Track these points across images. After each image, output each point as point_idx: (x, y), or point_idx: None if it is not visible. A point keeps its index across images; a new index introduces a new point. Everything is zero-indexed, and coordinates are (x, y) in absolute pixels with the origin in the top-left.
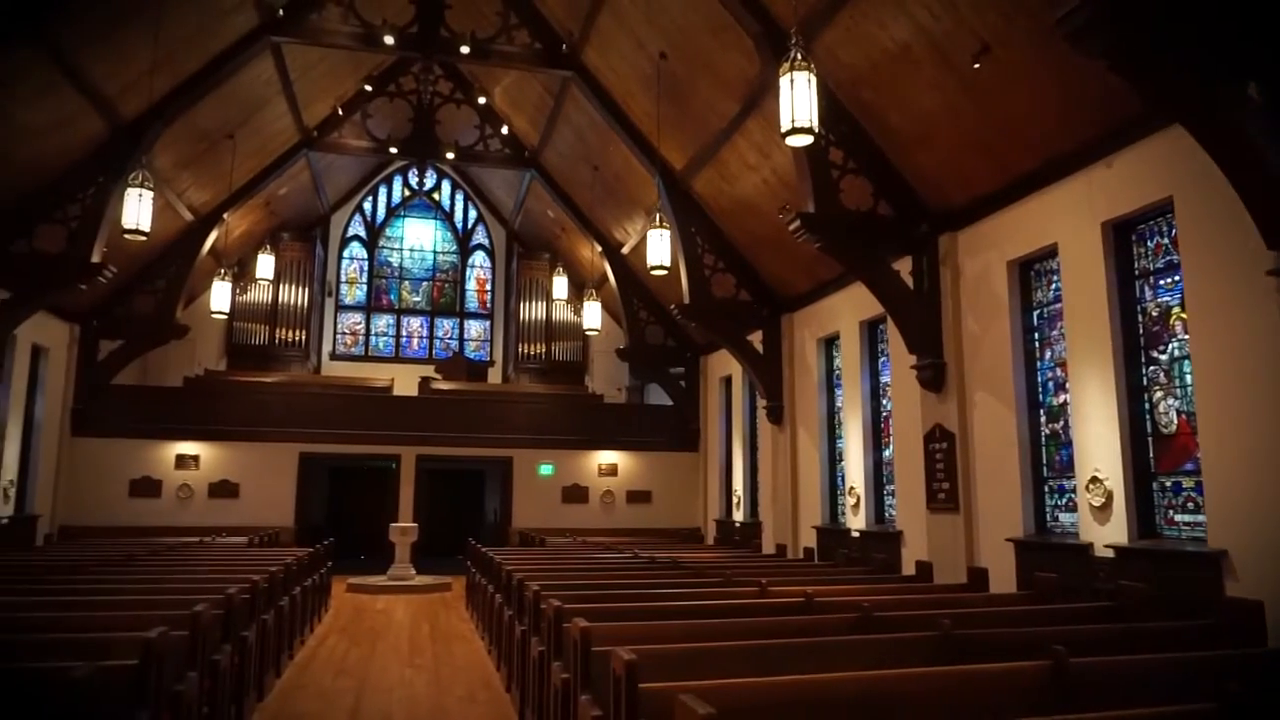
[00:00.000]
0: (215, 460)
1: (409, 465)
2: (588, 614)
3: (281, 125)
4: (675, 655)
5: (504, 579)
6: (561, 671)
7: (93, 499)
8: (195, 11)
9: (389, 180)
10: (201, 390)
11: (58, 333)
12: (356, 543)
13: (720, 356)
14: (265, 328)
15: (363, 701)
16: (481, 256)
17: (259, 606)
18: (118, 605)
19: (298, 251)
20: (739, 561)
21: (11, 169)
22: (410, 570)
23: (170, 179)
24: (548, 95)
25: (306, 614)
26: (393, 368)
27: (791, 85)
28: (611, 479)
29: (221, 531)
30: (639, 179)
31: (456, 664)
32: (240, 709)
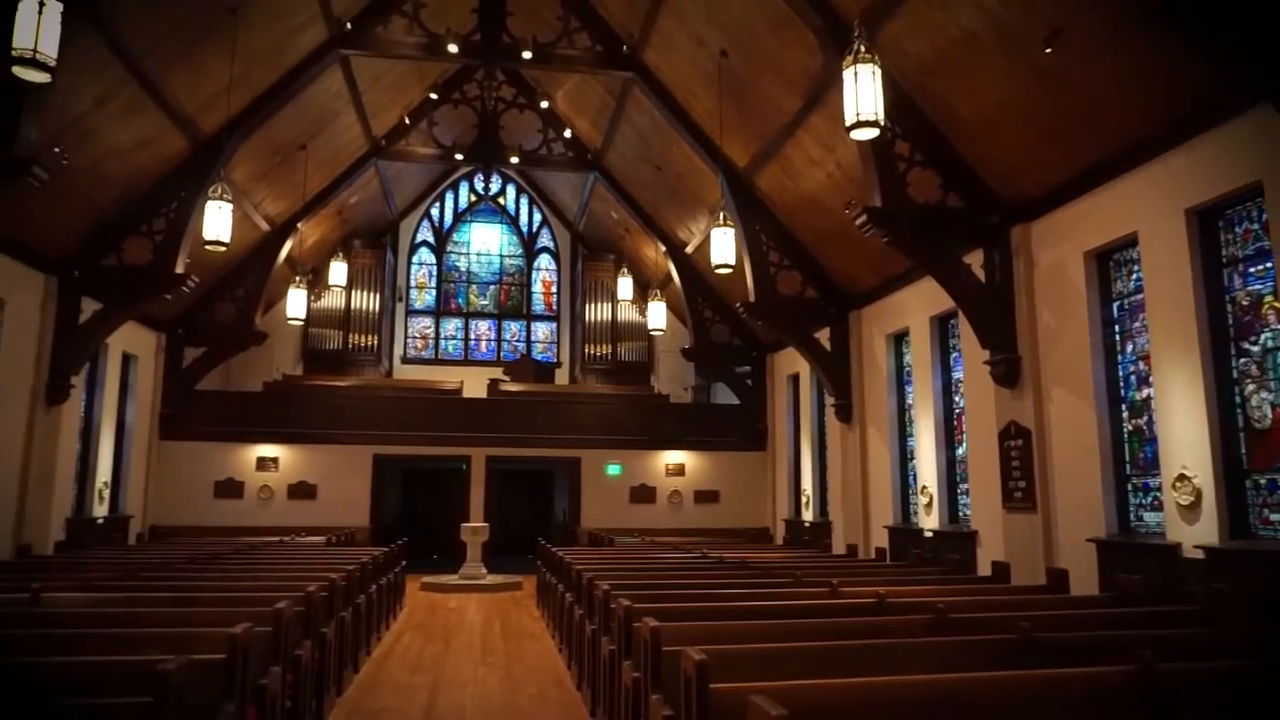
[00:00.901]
0: (294, 462)
1: (479, 466)
2: (657, 614)
3: (351, 135)
4: (745, 656)
5: (574, 578)
6: (632, 670)
7: (180, 500)
8: (268, 29)
9: (455, 186)
10: (280, 394)
11: (146, 341)
12: (429, 542)
13: (787, 355)
14: (339, 333)
15: (437, 697)
16: (547, 259)
17: (337, 604)
18: (205, 602)
19: (369, 258)
20: (809, 562)
21: (103, 187)
22: (482, 569)
23: (247, 191)
24: (609, 97)
25: (382, 612)
26: (462, 370)
27: (855, 78)
28: (679, 479)
29: (300, 531)
30: (702, 177)
31: (528, 662)
32: (320, 703)
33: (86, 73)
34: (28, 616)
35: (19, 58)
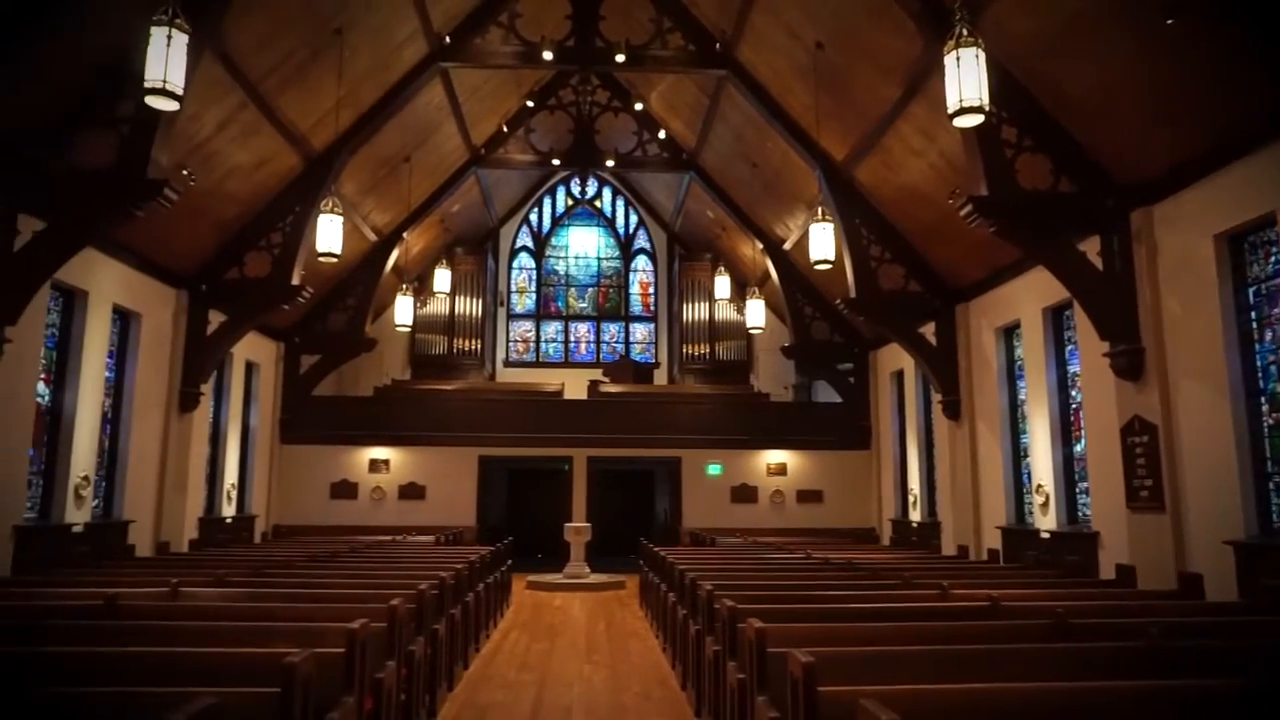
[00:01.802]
0: (404, 464)
1: (581, 466)
2: (762, 614)
3: (452, 145)
4: (853, 658)
5: (677, 578)
6: (737, 672)
7: (299, 500)
8: (372, 48)
9: (553, 191)
10: (390, 399)
11: (266, 350)
12: (533, 542)
13: (890, 350)
14: (444, 338)
15: (544, 694)
16: (644, 260)
17: (447, 602)
18: (325, 598)
19: (471, 264)
20: (917, 563)
21: (226, 205)
22: (585, 569)
23: (356, 203)
24: (703, 96)
25: (490, 610)
26: (562, 372)
27: (958, 63)
28: (781, 478)
29: (410, 531)
30: (799, 173)
31: (632, 661)
32: (433, 697)
33: (209, 99)
34: (168, 609)
35: (151, 88)
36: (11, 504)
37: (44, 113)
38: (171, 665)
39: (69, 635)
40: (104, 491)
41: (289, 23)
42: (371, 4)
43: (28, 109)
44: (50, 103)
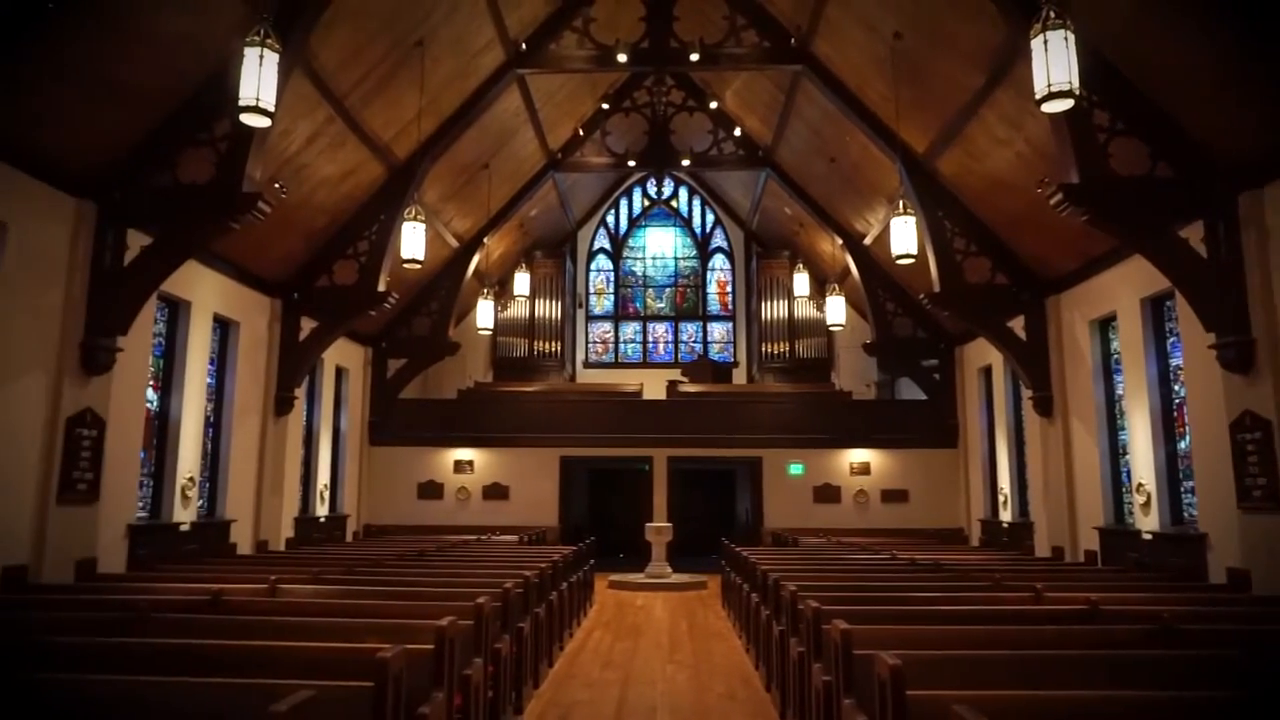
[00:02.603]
0: (487, 465)
1: (661, 466)
2: (847, 616)
3: (529, 151)
4: (942, 662)
5: (759, 578)
6: (822, 674)
7: (388, 501)
8: (451, 58)
9: (629, 192)
10: (473, 401)
11: (354, 355)
12: (615, 541)
13: (977, 346)
14: (524, 341)
15: (628, 693)
16: (721, 259)
17: (532, 600)
18: (414, 596)
19: (550, 267)
20: (1009, 565)
21: (316, 216)
22: (667, 568)
23: (438, 210)
24: (778, 92)
25: (573, 609)
26: (641, 373)
27: (1045, 46)
28: (864, 478)
29: (495, 530)
30: (878, 166)
31: (715, 661)
32: (519, 694)
33: (299, 114)
34: (267, 605)
35: (245, 106)
36: (126, 504)
37: (150, 134)
38: (271, 658)
39: (178, 628)
40: (207, 492)
41: (372, 37)
42: (450, 16)
43: (135, 131)
44: (155, 124)
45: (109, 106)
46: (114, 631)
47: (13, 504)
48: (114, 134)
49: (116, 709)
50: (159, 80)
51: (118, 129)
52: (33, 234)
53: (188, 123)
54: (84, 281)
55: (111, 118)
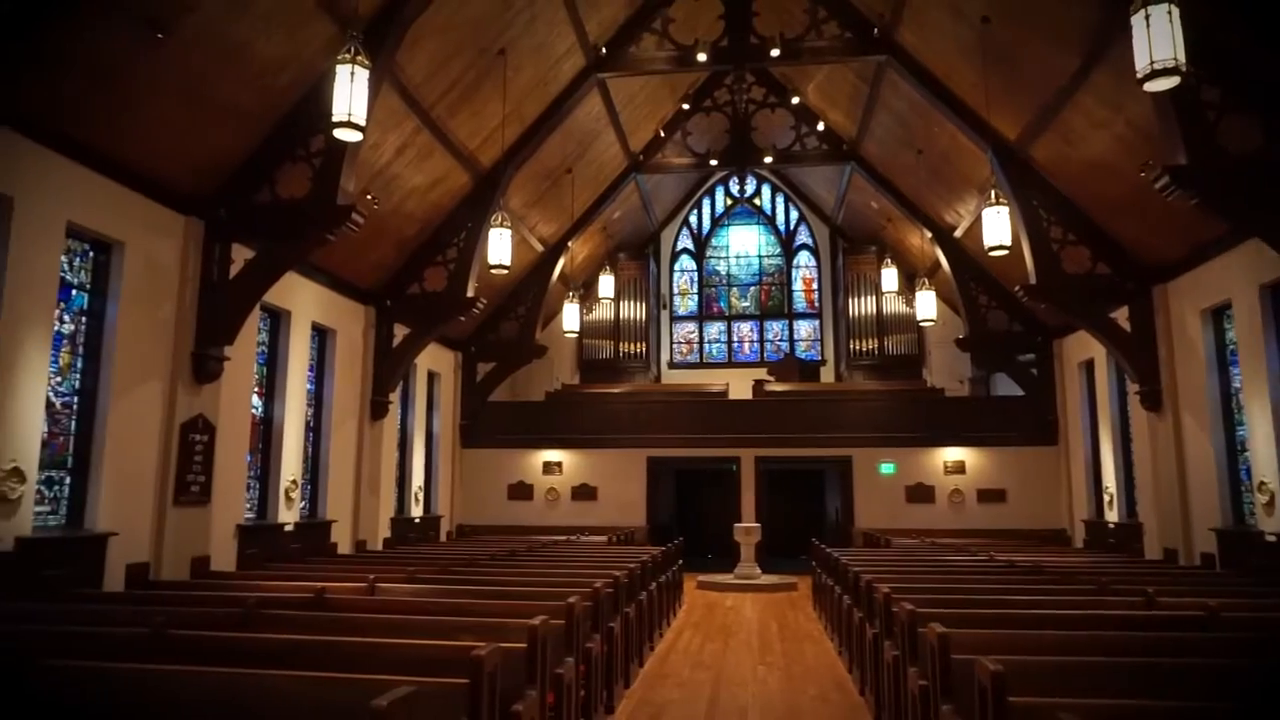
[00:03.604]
0: (576, 466)
1: (748, 466)
2: (944, 619)
3: (611, 154)
4: (1045, 669)
5: (851, 580)
6: (918, 678)
7: (479, 501)
8: (533, 65)
9: (711, 192)
10: (560, 403)
11: (445, 359)
12: (703, 542)
13: (1078, 339)
14: (610, 342)
15: (719, 694)
16: (806, 256)
17: (621, 600)
18: (506, 595)
19: (634, 269)
20: (1116, 567)
21: (406, 224)
22: (756, 569)
23: (523, 216)
24: (862, 84)
25: (663, 609)
26: (727, 373)
27: (1146, 22)
28: (959, 477)
29: (584, 531)
30: (968, 156)
31: (807, 663)
32: (610, 693)
33: (388, 127)
34: (367, 603)
35: (338, 122)
36: (235, 505)
37: (251, 152)
38: (371, 655)
39: (284, 624)
40: (309, 494)
41: (456, 49)
42: (531, 24)
43: (238, 150)
44: (256, 143)
45: (214, 128)
46: (226, 626)
47: (136, 505)
48: (219, 154)
49: (231, 700)
50: (259, 100)
51: (222, 149)
52: (148, 251)
53: (286, 140)
54: (194, 295)
55: (216, 138)
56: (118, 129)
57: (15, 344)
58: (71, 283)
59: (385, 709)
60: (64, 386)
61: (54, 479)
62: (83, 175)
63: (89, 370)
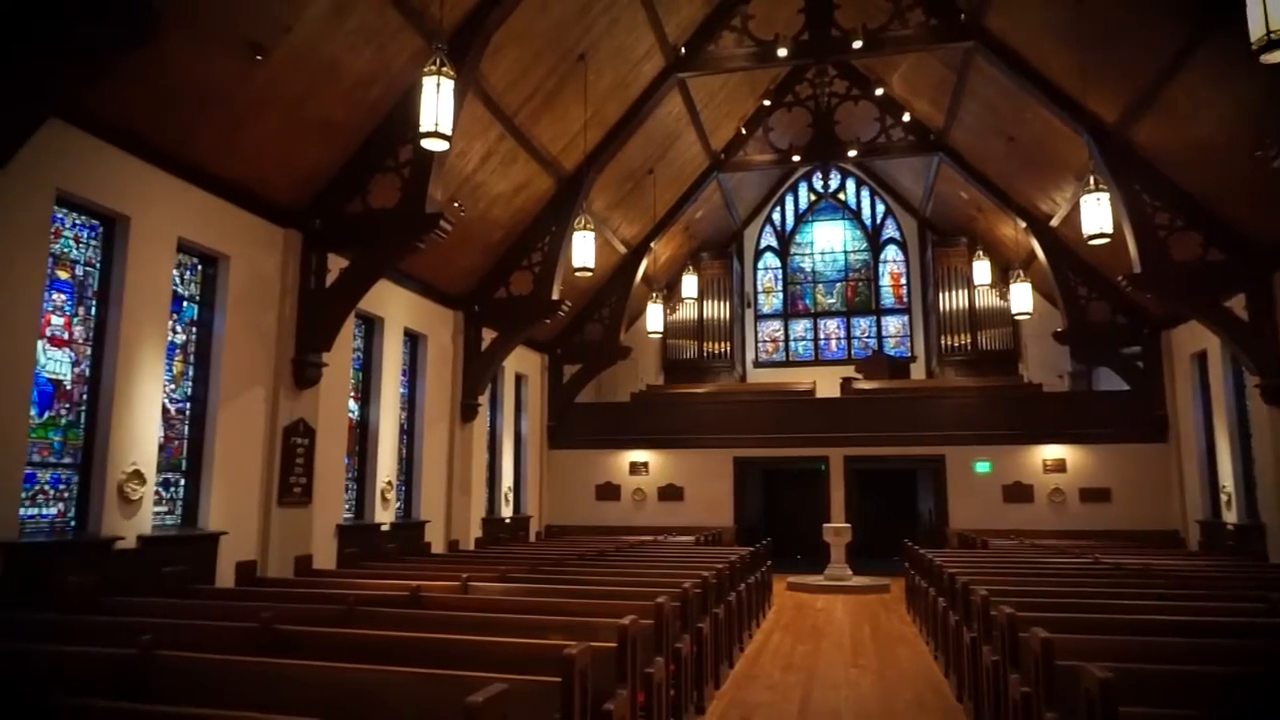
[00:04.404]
0: (662, 466)
1: (837, 466)
2: (1046, 623)
3: (693, 154)
4: (1158, 677)
5: (946, 582)
6: (1020, 685)
7: (567, 502)
8: (613, 68)
9: (794, 188)
10: (645, 404)
11: (532, 362)
12: (791, 542)
13: (1189, 329)
14: (694, 342)
15: (811, 696)
16: (893, 250)
17: (710, 601)
18: (595, 594)
19: (717, 268)
20: (1236, 572)
21: (492, 230)
22: (846, 570)
23: (605, 219)
24: (949, 72)
25: (752, 610)
26: (813, 371)
27: None
28: (1059, 475)
29: (671, 531)
30: (1064, 141)
31: (901, 667)
32: (700, 694)
33: (473, 135)
34: (460, 601)
35: (425, 132)
36: (334, 505)
37: (344, 165)
38: (465, 652)
39: (382, 620)
40: (404, 495)
41: (537, 56)
42: (611, 28)
43: (331, 163)
44: (348, 156)
45: (309, 142)
46: (328, 623)
47: (244, 505)
48: (314, 167)
49: (334, 694)
50: (350, 114)
51: (317, 162)
52: (251, 263)
53: (376, 151)
54: (293, 303)
55: (311, 153)
56: (222, 148)
57: (134, 354)
58: (182, 295)
59: (480, 705)
60: (177, 393)
61: (170, 481)
62: (191, 193)
63: (199, 378)
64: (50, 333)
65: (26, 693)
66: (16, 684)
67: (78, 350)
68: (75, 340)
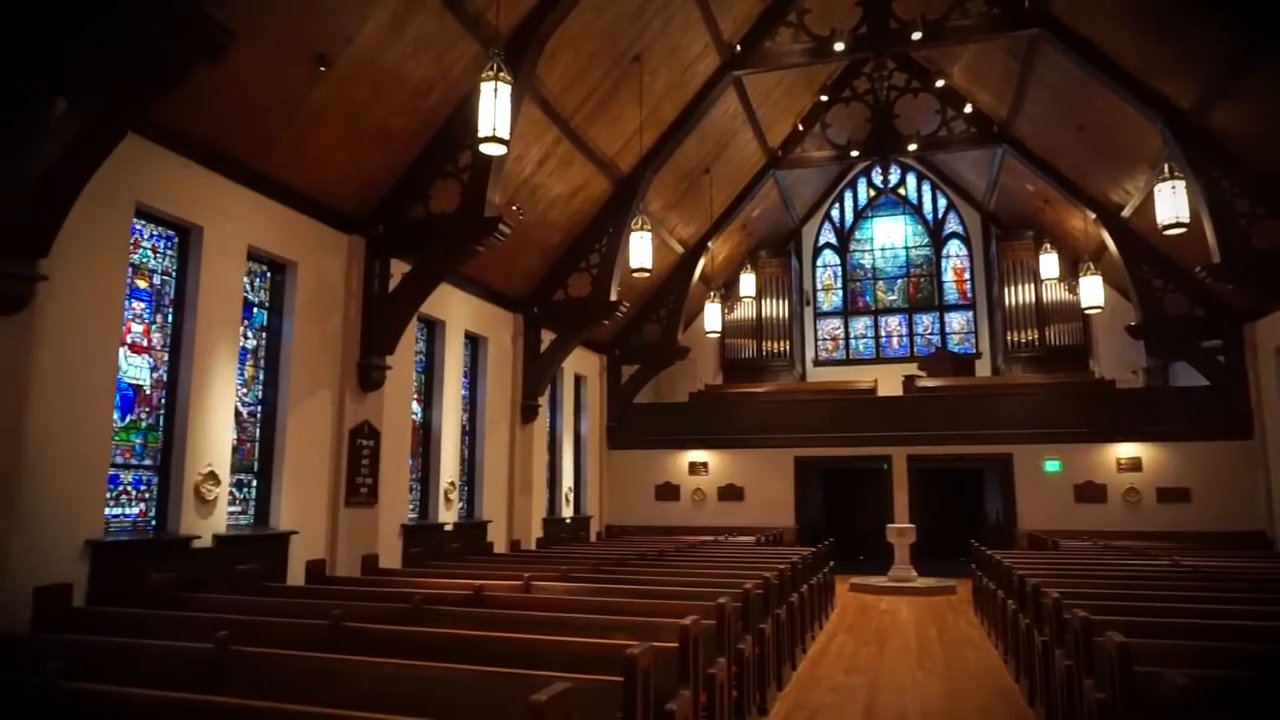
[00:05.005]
0: (721, 466)
1: (900, 465)
2: (1122, 627)
3: (749, 152)
4: (1240, 684)
5: (1015, 583)
6: (1095, 691)
7: (627, 502)
8: (668, 68)
9: (853, 184)
10: (704, 403)
11: (591, 363)
12: (854, 543)
13: (1273, 321)
14: (753, 341)
15: (876, 699)
16: (956, 245)
17: (772, 602)
18: (656, 594)
19: (775, 267)
20: None
21: (550, 233)
22: (911, 571)
23: (662, 219)
24: (1013, 61)
25: (814, 611)
26: (875, 369)
27: None
28: (1134, 474)
29: (731, 531)
30: (1136, 128)
31: (969, 670)
32: (763, 695)
33: (530, 139)
34: (522, 600)
35: (484, 137)
36: (399, 506)
37: (405, 171)
38: (528, 651)
39: (447, 619)
40: (466, 495)
41: (592, 59)
42: (665, 28)
43: (393, 170)
44: (409, 162)
45: (371, 150)
46: (395, 620)
47: (313, 505)
48: (376, 174)
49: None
50: (410, 122)
51: (379, 169)
52: (317, 269)
53: (436, 158)
54: (358, 308)
55: (373, 160)
56: (289, 158)
57: (208, 360)
58: (252, 301)
59: (544, 704)
60: (249, 397)
61: (243, 482)
62: (260, 202)
63: (269, 381)
64: (130, 340)
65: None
66: (104, 675)
67: (156, 356)
68: (154, 347)
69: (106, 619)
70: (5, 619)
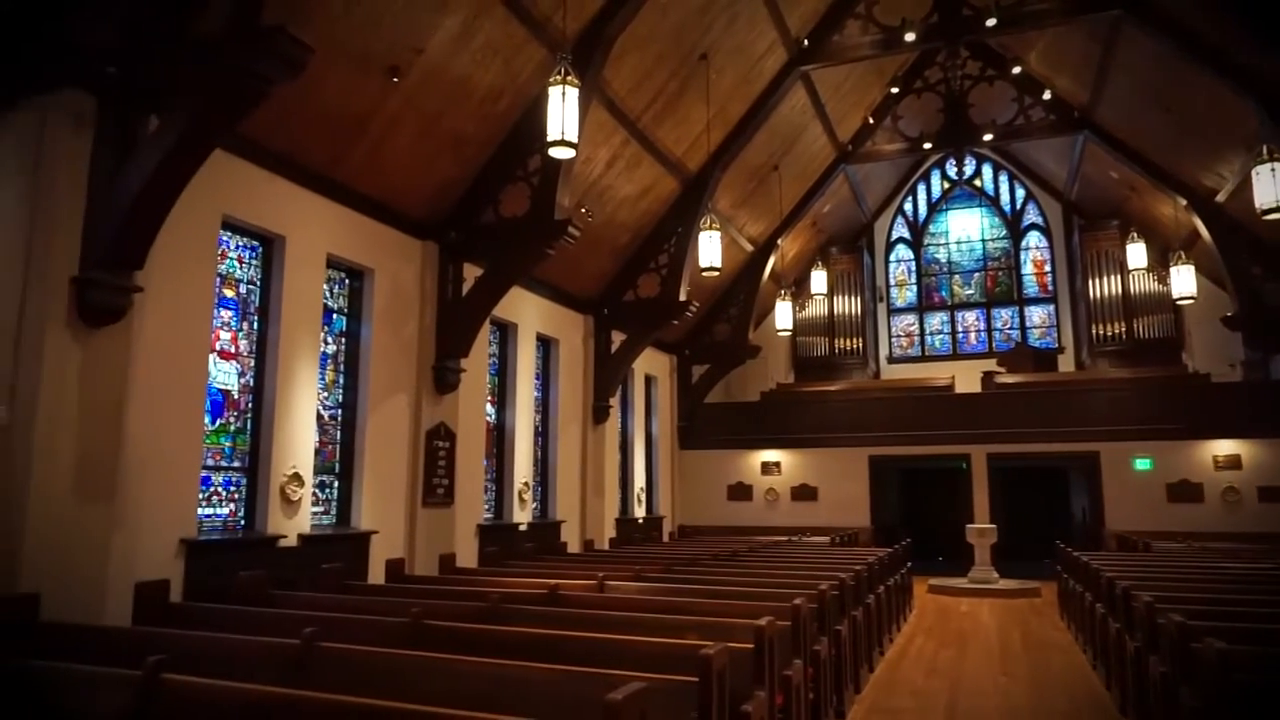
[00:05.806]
0: (794, 466)
1: (980, 464)
2: (1222, 634)
3: (818, 147)
4: None
5: (1104, 586)
6: (1191, 699)
7: (699, 502)
8: (735, 66)
9: (926, 177)
10: (776, 402)
11: (661, 363)
12: (932, 544)
13: None
14: (825, 339)
15: (957, 703)
16: (1036, 236)
17: (848, 603)
18: (730, 595)
19: (846, 263)
20: None
21: (619, 234)
22: (992, 573)
23: (731, 217)
24: (1093, 44)
25: (892, 613)
26: (951, 365)
27: None
28: (1233, 473)
29: (805, 531)
30: (1228, 109)
31: (1055, 675)
32: (840, 698)
33: (598, 141)
34: (596, 600)
35: (552, 141)
36: (475, 506)
37: (476, 177)
38: (603, 650)
39: (523, 618)
40: (540, 495)
41: (659, 59)
42: (731, 25)
43: (465, 176)
44: (479, 168)
45: (443, 157)
46: (473, 619)
47: (393, 506)
48: (447, 181)
49: (479, 688)
50: (480, 128)
51: (450, 176)
52: (393, 275)
53: (506, 163)
54: (432, 312)
55: (445, 167)
56: (364, 167)
57: (291, 365)
58: (332, 308)
59: (620, 703)
60: (329, 401)
61: (325, 483)
62: (338, 211)
63: (349, 385)
64: (219, 347)
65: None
66: (200, 668)
67: (243, 362)
68: (240, 353)
69: (201, 614)
70: (110, 612)
